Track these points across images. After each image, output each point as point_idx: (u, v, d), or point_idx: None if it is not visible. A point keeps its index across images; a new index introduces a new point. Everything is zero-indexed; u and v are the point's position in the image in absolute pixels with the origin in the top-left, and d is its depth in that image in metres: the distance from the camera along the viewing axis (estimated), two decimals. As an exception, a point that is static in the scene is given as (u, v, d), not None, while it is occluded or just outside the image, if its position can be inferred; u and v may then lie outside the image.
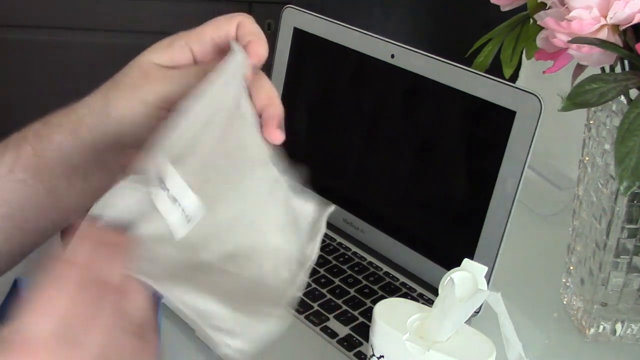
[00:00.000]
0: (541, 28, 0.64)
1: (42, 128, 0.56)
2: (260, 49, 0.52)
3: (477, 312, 0.71)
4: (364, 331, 0.69)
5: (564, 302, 0.77)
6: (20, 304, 0.40)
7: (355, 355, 0.67)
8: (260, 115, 0.51)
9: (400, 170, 0.79)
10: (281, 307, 0.47)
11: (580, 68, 0.67)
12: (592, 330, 0.73)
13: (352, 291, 0.76)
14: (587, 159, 0.72)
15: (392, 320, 0.52)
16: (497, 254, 0.70)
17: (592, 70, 0.63)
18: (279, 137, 0.50)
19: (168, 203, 0.46)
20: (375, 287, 0.76)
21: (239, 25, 0.53)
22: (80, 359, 0.40)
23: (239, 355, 0.44)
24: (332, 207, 0.52)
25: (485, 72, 0.71)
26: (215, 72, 0.49)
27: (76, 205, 0.56)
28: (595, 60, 0.63)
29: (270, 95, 0.52)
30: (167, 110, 0.51)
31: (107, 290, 0.42)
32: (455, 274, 0.50)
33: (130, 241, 0.44)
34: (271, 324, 0.46)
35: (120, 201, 0.45)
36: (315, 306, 0.73)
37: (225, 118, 0.49)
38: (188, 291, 0.44)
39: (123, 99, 0.52)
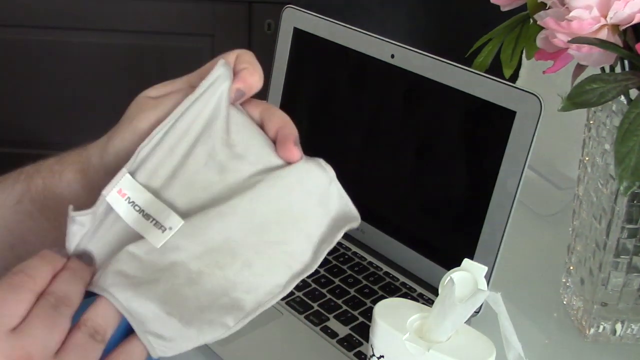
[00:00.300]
0: (541, 28, 0.64)
1: (55, 164, 0.56)
2: (253, 77, 0.52)
3: (477, 312, 0.71)
4: (364, 331, 0.69)
5: (564, 302, 0.77)
6: None
7: (355, 355, 0.67)
8: (275, 139, 0.52)
9: (401, 170, 0.79)
10: (239, 315, 0.47)
11: (580, 68, 0.67)
12: (592, 330, 0.73)
13: (352, 291, 0.76)
14: (587, 159, 0.72)
15: (392, 320, 0.52)
16: (497, 254, 0.70)
17: (592, 70, 0.63)
18: (296, 154, 0.51)
19: (133, 214, 0.48)
20: (375, 287, 0.76)
21: (237, 57, 0.53)
22: (28, 350, 0.42)
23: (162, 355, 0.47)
24: (357, 223, 0.52)
25: (485, 72, 0.71)
26: (197, 88, 0.50)
27: None
28: (595, 60, 0.63)
29: (284, 118, 0.53)
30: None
31: (63, 301, 0.45)
32: (455, 274, 0.50)
33: (88, 268, 0.48)
34: (214, 333, 0.47)
35: (77, 227, 0.48)
36: (315, 306, 0.73)
37: (207, 128, 0.50)
38: (131, 298, 0.46)
39: (119, 133, 0.52)
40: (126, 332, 0.47)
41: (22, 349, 0.42)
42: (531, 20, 0.70)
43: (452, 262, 0.52)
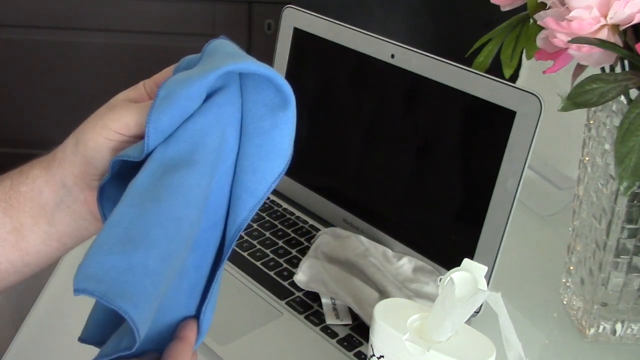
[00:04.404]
0: (541, 28, 0.64)
1: (25, 165, 0.58)
2: None
3: (477, 312, 0.71)
4: (364, 331, 0.69)
5: (564, 302, 0.78)
6: None
7: (355, 355, 0.67)
8: None
9: (400, 170, 0.79)
10: None
11: (580, 68, 0.67)
12: (592, 330, 0.73)
13: (352, 291, 0.76)
14: (587, 159, 0.72)
15: (392, 320, 0.52)
16: (497, 254, 0.70)
17: (592, 70, 0.63)
18: None
19: None
20: (375, 287, 0.76)
21: None
22: None
23: None
24: None
25: (485, 72, 0.71)
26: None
27: (37, 250, 0.57)
28: (595, 60, 0.63)
29: None
30: (126, 136, 0.53)
31: None
32: (455, 274, 0.50)
33: None
34: None
35: None
36: (315, 306, 0.73)
37: None
38: None
39: (89, 127, 0.54)
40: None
41: None
42: (531, 20, 0.70)
43: (452, 262, 0.52)
